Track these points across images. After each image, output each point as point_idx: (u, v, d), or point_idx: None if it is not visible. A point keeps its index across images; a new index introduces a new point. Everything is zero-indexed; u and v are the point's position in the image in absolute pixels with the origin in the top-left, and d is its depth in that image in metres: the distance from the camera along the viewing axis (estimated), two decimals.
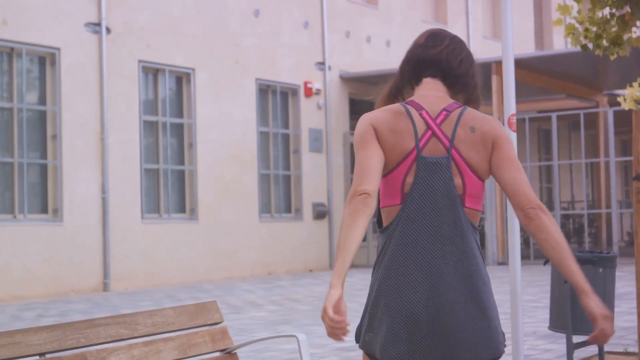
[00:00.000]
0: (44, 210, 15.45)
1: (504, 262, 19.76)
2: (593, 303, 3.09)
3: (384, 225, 3.33)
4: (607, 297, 6.38)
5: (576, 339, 6.47)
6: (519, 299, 5.36)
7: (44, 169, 15.50)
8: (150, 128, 17.24)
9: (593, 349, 7.62)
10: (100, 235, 15.85)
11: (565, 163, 25.91)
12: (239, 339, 8.19)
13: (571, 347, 6.29)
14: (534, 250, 20.12)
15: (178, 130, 17.79)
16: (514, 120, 5.63)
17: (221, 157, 18.17)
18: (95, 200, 15.86)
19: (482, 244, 22.61)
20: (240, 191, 18.49)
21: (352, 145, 21.58)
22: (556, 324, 6.44)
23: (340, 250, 3.11)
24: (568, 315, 6.28)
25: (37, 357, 3.60)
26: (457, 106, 3.36)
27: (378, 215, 3.39)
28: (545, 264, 6.40)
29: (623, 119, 22.48)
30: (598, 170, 24.03)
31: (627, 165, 31.94)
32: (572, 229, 23.68)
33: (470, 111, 3.36)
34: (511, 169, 3.27)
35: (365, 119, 3.36)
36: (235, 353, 4.17)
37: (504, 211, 19.98)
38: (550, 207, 23.63)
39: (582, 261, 6.30)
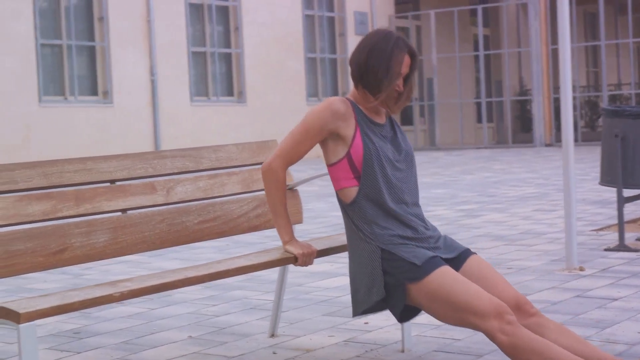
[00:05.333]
0: (94, 92, 15.63)
1: (550, 144, 19.75)
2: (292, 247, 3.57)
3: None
4: None
5: (626, 193, 6.54)
6: (572, 171, 5.85)
7: (92, 51, 15.62)
8: (196, 11, 17.24)
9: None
10: (150, 117, 16.03)
11: (611, 43, 25.59)
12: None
13: (621, 200, 6.36)
14: (580, 134, 20.03)
15: (224, 13, 17.77)
16: None
17: (267, 40, 18.16)
18: (144, 83, 15.99)
19: (530, 127, 22.54)
20: (287, 74, 18.52)
21: (396, 29, 21.44)
22: (606, 178, 6.50)
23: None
24: (619, 169, 6.34)
25: (108, 184, 3.72)
26: None
27: None
28: (599, 117, 6.42)
29: None
30: None
31: None
32: None
33: None
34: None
35: None
36: (297, 190, 4.26)
37: (550, 93, 19.87)
38: (598, 89, 23.40)
39: (633, 115, 6.33)
